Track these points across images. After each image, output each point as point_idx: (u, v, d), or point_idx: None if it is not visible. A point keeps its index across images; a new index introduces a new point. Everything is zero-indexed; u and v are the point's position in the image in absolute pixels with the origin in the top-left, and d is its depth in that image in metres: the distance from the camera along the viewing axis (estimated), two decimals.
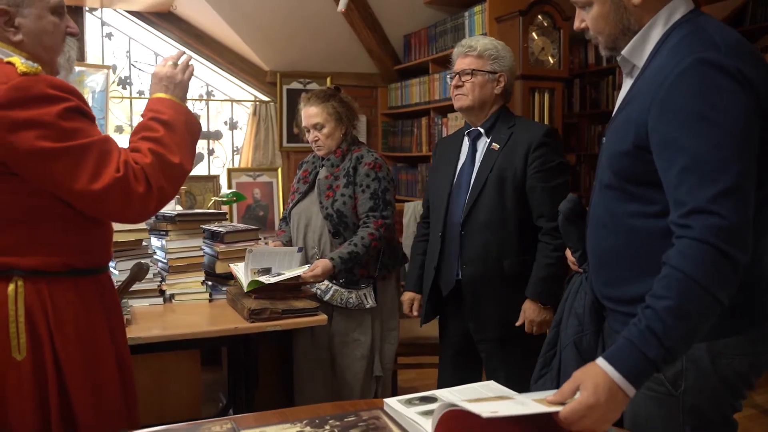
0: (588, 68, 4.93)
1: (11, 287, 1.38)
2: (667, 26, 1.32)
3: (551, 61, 3.72)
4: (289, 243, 2.80)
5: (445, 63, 4.30)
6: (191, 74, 1.69)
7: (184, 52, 1.75)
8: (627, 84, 1.41)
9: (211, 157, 5.06)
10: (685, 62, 1.20)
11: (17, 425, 1.37)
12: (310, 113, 2.67)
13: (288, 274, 2.37)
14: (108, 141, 1.45)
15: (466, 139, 2.38)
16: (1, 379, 1.37)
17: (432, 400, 1.41)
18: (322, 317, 2.31)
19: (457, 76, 2.33)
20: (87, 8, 4.42)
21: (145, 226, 2.46)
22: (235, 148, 5.15)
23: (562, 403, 1.12)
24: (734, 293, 1.15)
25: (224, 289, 2.59)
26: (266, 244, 2.96)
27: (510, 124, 2.29)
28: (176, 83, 1.63)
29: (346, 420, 1.33)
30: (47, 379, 1.40)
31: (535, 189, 2.17)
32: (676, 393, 1.31)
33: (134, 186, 1.43)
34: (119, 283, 2.12)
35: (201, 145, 5.04)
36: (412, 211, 3.79)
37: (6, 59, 1.40)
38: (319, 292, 2.59)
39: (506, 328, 2.21)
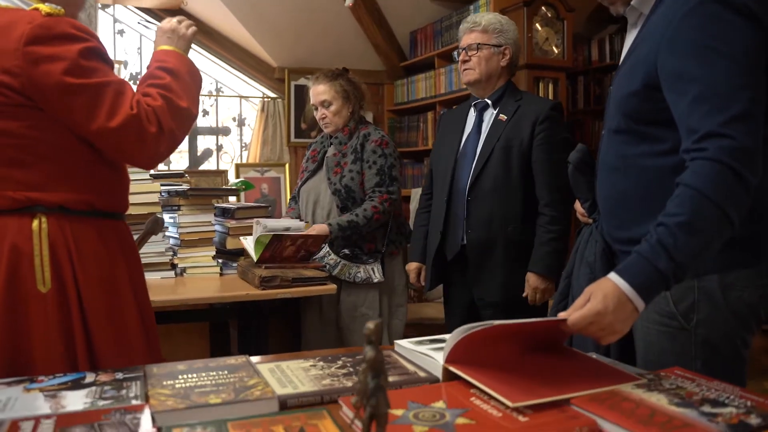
0: (592, 65, 4.99)
1: (35, 223, 1.43)
2: None
3: (555, 51, 3.79)
4: (297, 217, 2.86)
5: (451, 58, 4.39)
6: (194, 31, 1.75)
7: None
8: (632, 34, 1.46)
9: (219, 153, 5.13)
10: (693, 1, 1.25)
11: (42, 356, 1.41)
12: (318, 91, 2.73)
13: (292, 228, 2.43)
14: (123, 83, 1.52)
15: (472, 110, 2.43)
16: (26, 310, 1.41)
17: (441, 341, 1.44)
18: (331, 286, 2.35)
19: (464, 51, 2.39)
20: (99, 5, 4.51)
21: (158, 200, 2.51)
22: (243, 144, 5.22)
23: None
24: (744, 216, 1.19)
25: (234, 264, 2.64)
26: None
27: (517, 97, 2.35)
28: (179, 36, 1.70)
29: (357, 357, 1.37)
30: (71, 313, 1.44)
31: (539, 161, 2.23)
32: (688, 326, 1.34)
33: (147, 126, 1.48)
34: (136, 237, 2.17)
35: (210, 141, 5.11)
36: (419, 198, 3.83)
37: (31, 6, 1.47)
38: (327, 266, 2.63)
39: (510, 293, 2.25)
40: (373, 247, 2.65)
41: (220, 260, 2.65)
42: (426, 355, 1.33)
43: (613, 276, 1.16)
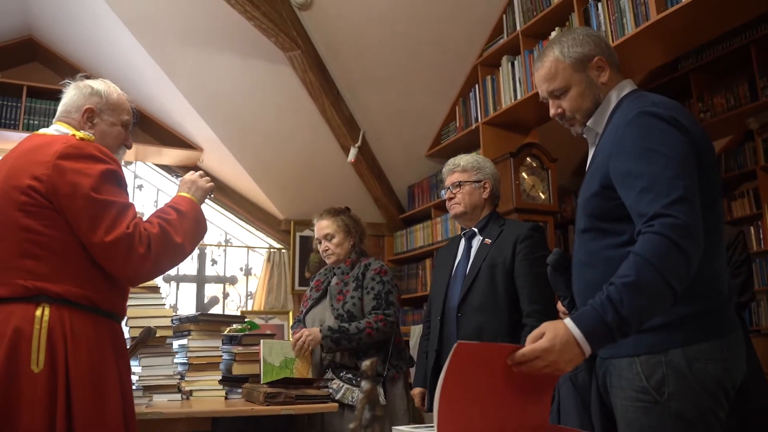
0: None
1: (39, 310, 1.61)
2: (618, 99, 1.66)
3: (542, 197, 4.09)
4: (303, 325, 2.97)
5: (446, 208, 4.71)
6: (212, 186, 2.05)
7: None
8: (591, 151, 1.72)
9: (225, 300, 5.29)
10: (631, 115, 1.53)
11: (25, 429, 1.52)
12: (322, 226, 2.98)
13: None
14: (129, 206, 1.76)
15: (462, 240, 2.65)
16: (18, 388, 1.54)
17: None
18: (333, 405, 2.42)
19: (449, 189, 2.67)
20: (123, 162, 4.92)
21: (170, 324, 2.65)
22: (249, 293, 5.40)
23: None
24: (686, 285, 1.35)
25: (239, 390, 2.71)
26: None
27: (500, 223, 2.58)
28: (197, 187, 2.01)
29: None
30: (57, 394, 1.56)
31: (520, 275, 2.42)
32: (661, 400, 1.45)
33: (137, 245, 1.69)
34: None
35: (217, 289, 5.30)
36: (418, 333, 3.94)
37: (70, 133, 1.81)
38: (330, 391, 2.70)
39: None
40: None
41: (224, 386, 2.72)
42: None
43: (567, 321, 1.32)
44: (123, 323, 1.93)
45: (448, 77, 4.70)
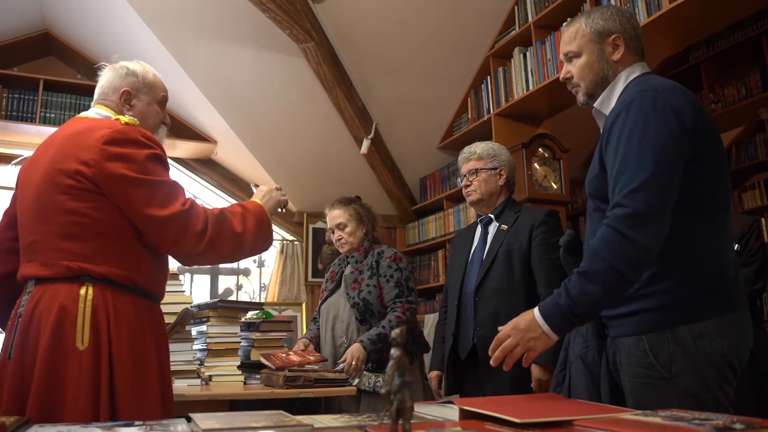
0: None
1: (83, 290, 1.64)
2: (626, 82, 1.69)
3: (554, 187, 4.12)
4: (316, 338, 3.00)
5: (458, 199, 4.75)
6: (284, 199, 2.08)
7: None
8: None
9: (239, 292, 5.34)
10: (629, 99, 1.57)
11: (71, 405, 1.56)
12: (334, 215, 3.02)
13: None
14: (178, 185, 1.79)
15: (479, 227, 2.68)
16: (64, 364, 1.59)
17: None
18: (352, 388, 2.46)
19: (465, 177, 2.69)
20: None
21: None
22: (262, 285, 5.45)
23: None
24: (642, 270, 1.47)
25: (257, 376, 2.75)
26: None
27: (516, 210, 2.61)
28: (270, 197, 2.03)
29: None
30: (101, 370, 1.61)
31: (536, 260, 2.45)
32: (668, 376, 1.48)
33: (193, 222, 1.72)
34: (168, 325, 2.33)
35: (230, 281, 5.35)
36: (432, 322, 3.98)
37: (114, 117, 1.83)
38: (349, 376, 2.74)
39: (520, 387, 2.35)
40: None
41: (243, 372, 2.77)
42: (444, 405, 1.46)
43: (534, 308, 1.52)
44: None
45: (460, 69, 4.72)
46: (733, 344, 1.49)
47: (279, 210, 2.09)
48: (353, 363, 2.68)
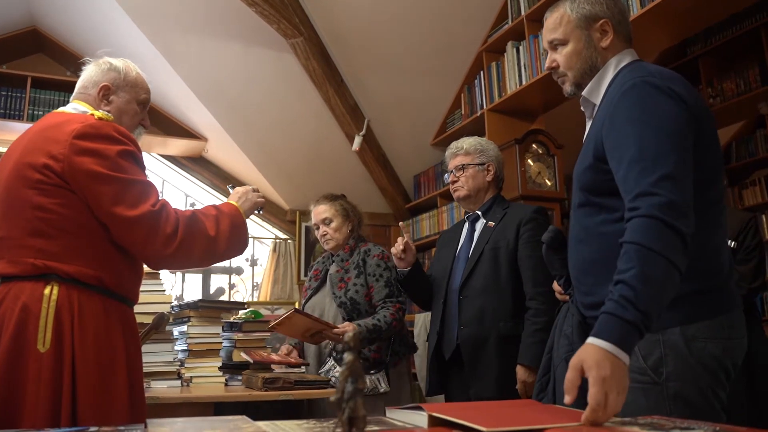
0: None
1: (48, 289, 1.58)
2: (616, 70, 1.61)
3: (548, 184, 4.04)
4: (300, 344, 2.94)
5: (452, 196, 4.67)
6: (261, 201, 2.01)
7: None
8: (588, 124, 1.67)
9: (231, 291, 5.29)
10: (627, 84, 1.47)
11: (30, 410, 1.50)
12: (320, 210, 2.95)
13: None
14: (151, 185, 1.72)
15: (466, 224, 2.61)
16: (24, 367, 1.52)
17: None
18: (332, 390, 2.39)
19: (452, 173, 2.62)
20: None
21: (169, 311, 2.63)
22: (255, 284, 5.39)
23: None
24: (686, 262, 1.30)
25: (239, 377, 2.69)
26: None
27: (504, 206, 2.54)
28: (246, 199, 1.96)
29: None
30: (62, 374, 1.54)
31: (523, 258, 2.37)
32: (659, 380, 1.41)
33: (163, 225, 1.65)
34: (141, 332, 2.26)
35: (222, 280, 5.29)
36: (422, 321, 3.91)
37: (89, 112, 1.77)
38: (333, 379, 2.67)
39: (505, 387, 2.28)
40: (378, 357, 2.71)
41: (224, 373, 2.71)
42: (413, 410, 1.39)
43: (592, 341, 1.20)
44: None
45: (453, 64, 4.65)
46: (727, 347, 1.42)
47: (256, 212, 2.02)
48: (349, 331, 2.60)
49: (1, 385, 1.51)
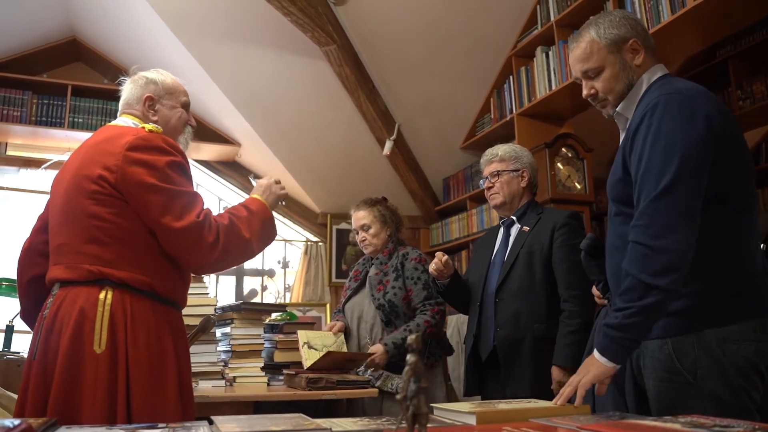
0: None
1: (102, 293, 1.68)
2: (648, 84, 1.67)
3: (578, 187, 4.08)
4: (347, 329, 3.03)
5: (481, 199, 4.73)
6: (284, 193, 2.11)
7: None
8: (622, 136, 1.73)
9: (264, 293, 5.39)
10: (655, 100, 1.55)
11: (88, 408, 1.59)
12: (359, 216, 3.03)
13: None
14: (197, 195, 1.82)
15: (501, 229, 2.68)
16: (82, 367, 1.62)
17: None
18: (373, 390, 2.47)
19: (488, 179, 2.68)
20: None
21: (213, 314, 2.72)
22: (286, 285, 5.49)
23: None
24: (679, 275, 1.43)
25: (281, 377, 2.78)
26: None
27: (539, 212, 2.60)
28: (270, 192, 2.06)
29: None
30: (118, 374, 1.63)
31: (558, 261, 2.44)
32: (694, 381, 1.47)
33: (206, 234, 1.75)
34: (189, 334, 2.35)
35: (255, 282, 5.40)
36: (455, 323, 3.97)
37: (140, 126, 1.89)
38: (371, 377, 2.75)
39: (540, 387, 2.33)
40: None
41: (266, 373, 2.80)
42: (460, 411, 1.46)
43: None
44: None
45: (483, 69, 4.70)
46: (760, 348, 1.47)
47: (279, 204, 2.11)
48: (376, 360, 2.69)
49: (62, 383, 1.61)
